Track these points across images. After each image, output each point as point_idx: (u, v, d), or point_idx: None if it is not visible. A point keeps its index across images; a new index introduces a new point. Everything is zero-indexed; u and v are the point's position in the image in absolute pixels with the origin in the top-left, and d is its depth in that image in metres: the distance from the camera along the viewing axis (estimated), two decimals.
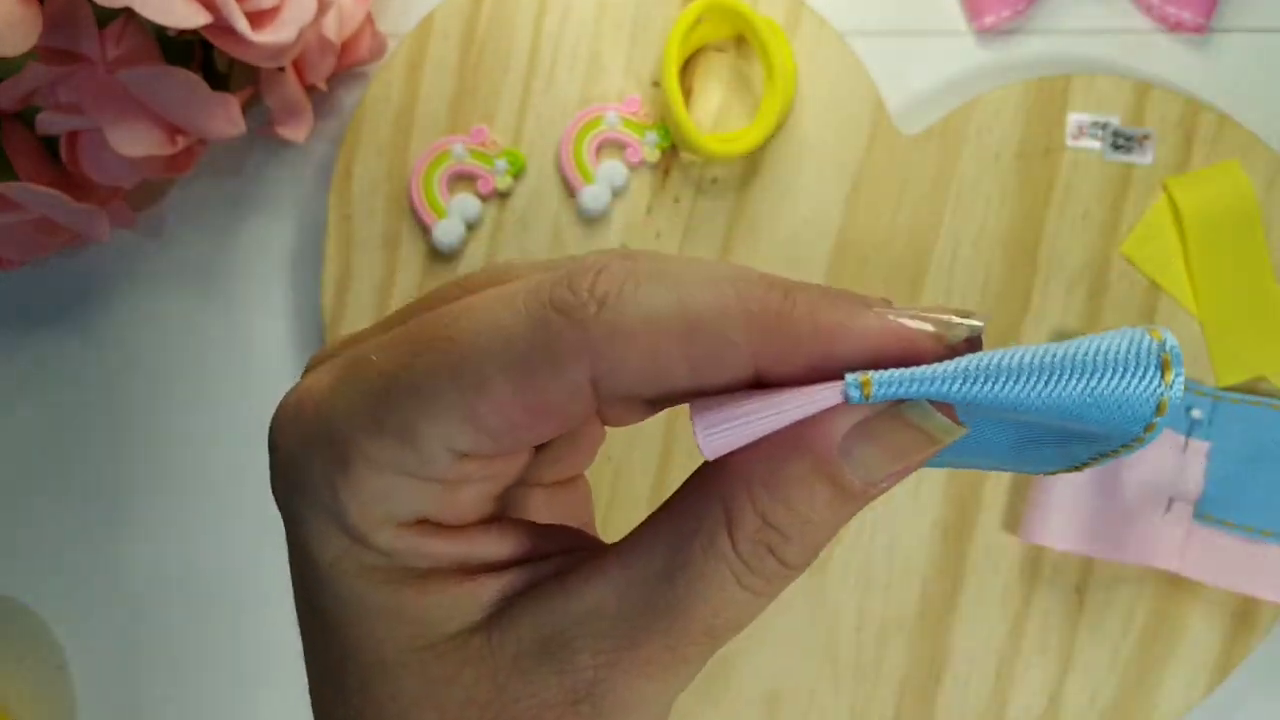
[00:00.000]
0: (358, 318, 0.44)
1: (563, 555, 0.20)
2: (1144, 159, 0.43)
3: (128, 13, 0.38)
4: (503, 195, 0.44)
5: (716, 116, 0.44)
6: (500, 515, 0.20)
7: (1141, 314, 0.43)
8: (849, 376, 0.17)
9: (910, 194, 0.43)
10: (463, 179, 0.44)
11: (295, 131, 0.43)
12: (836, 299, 0.17)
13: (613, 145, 0.44)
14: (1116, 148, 0.43)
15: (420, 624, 0.19)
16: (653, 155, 0.44)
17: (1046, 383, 0.16)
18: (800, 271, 0.43)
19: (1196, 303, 0.42)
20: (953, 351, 0.17)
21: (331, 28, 0.42)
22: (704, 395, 0.18)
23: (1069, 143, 0.43)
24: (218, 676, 0.46)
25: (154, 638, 0.46)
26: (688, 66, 0.44)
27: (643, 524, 0.19)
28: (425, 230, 0.44)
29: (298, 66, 0.43)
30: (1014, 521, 0.42)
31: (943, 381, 0.17)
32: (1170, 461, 0.41)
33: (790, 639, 0.43)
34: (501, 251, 0.44)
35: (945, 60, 0.45)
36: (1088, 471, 0.41)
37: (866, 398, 0.17)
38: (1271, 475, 0.41)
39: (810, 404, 0.17)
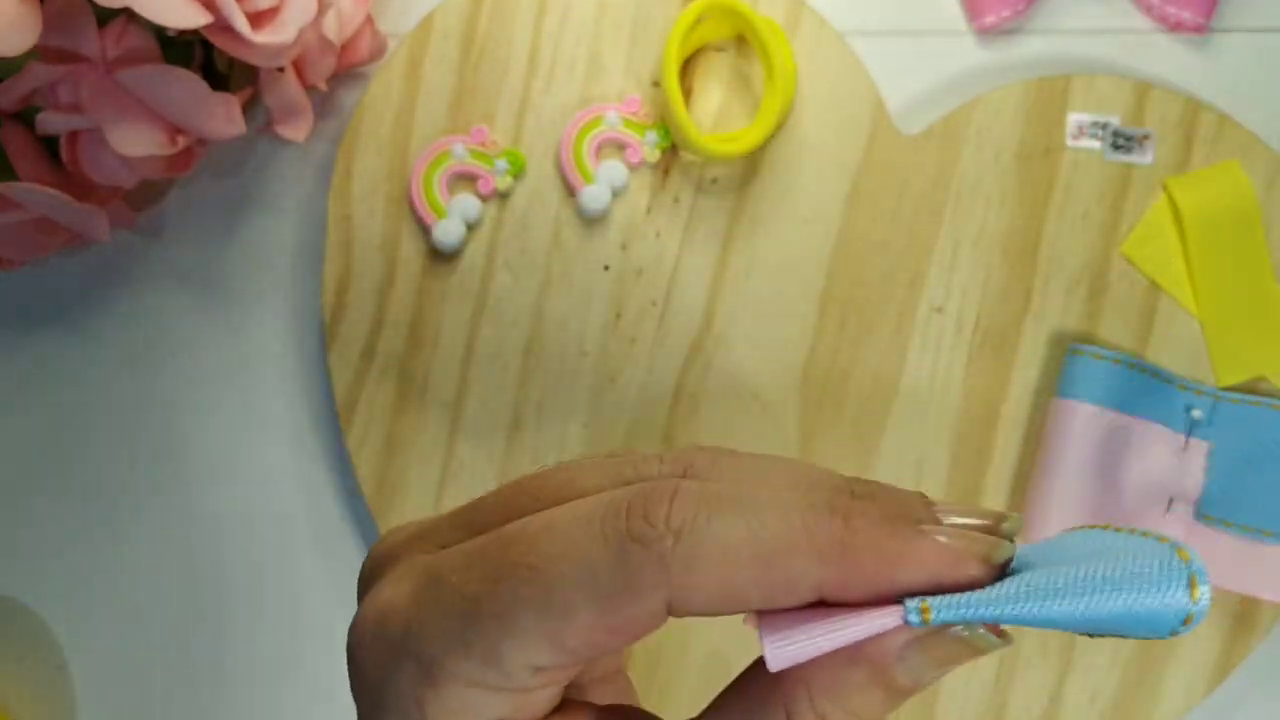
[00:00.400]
0: (358, 318, 0.44)
1: None
2: (1144, 159, 0.43)
3: (128, 13, 0.38)
4: (503, 195, 0.44)
5: (716, 116, 0.44)
6: (567, 701, 0.22)
7: (1141, 314, 0.43)
8: (909, 603, 0.19)
9: (910, 194, 0.43)
10: (463, 179, 0.44)
11: (295, 131, 0.43)
12: (894, 526, 0.19)
13: (613, 145, 0.44)
14: (1116, 148, 0.43)
15: None
16: (653, 155, 0.44)
17: (1085, 602, 0.18)
18: (799, 272, 0.43)
19: (1196, 302, 0.42)
20: (992, 575, 0.19)
21: (331, 28, 0.42)
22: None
23: (1069, 143, 0.43)
24: (217, 676, 0.46)
25: (154, 638, 0.46)
26: (688, 66, 0.44)
27: (709, 709, 0.21)
28: (425, 230, 0.44)
29: (298, 66, 0.43)
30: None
31: (993, 605, 0.18)
32: (1170, 461, 0.41)
33: None
34: (502, 252, 0.44)
35: (945, 60, 0.45)
36: (1088, 470, 0.41)
37: (925, 623, 0.19)
38: (1272, 475, 0.41)
39: (873, 627, 0.19)
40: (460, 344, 0.44)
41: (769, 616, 0.19)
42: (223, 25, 0.37)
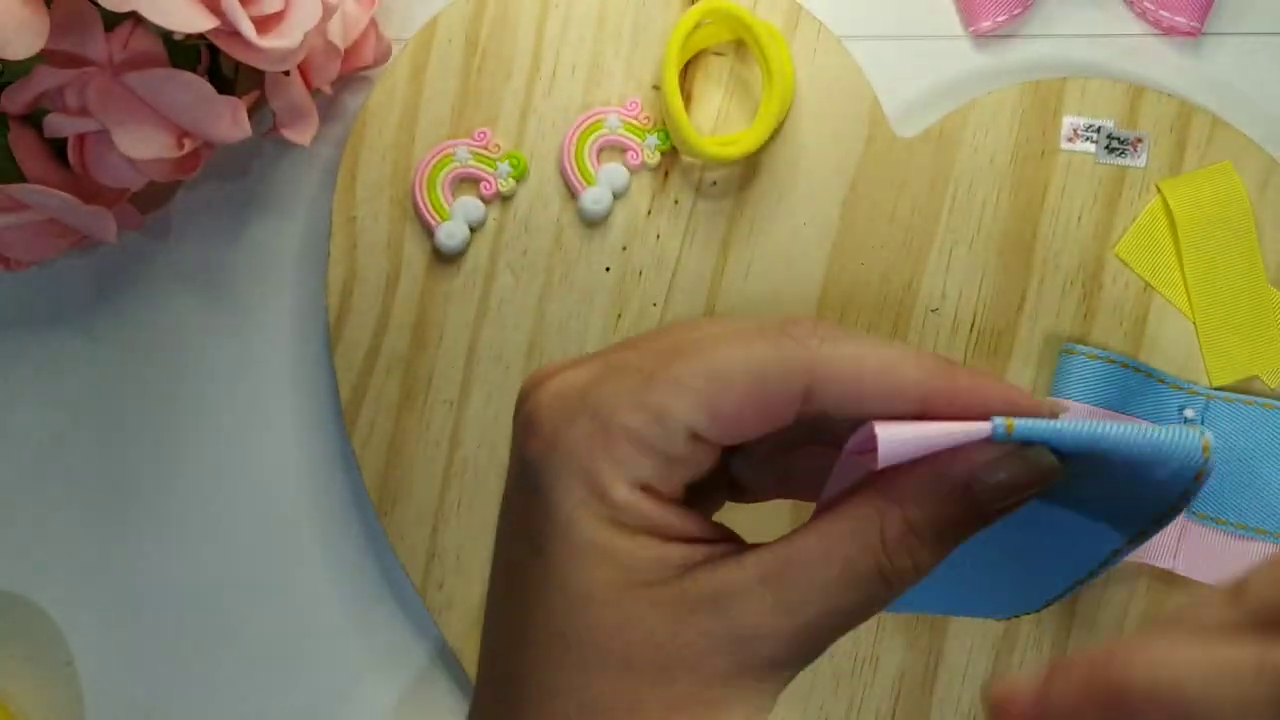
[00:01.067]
0: (362, 319, 0.44)
1: (731, 542, 0.25)
2: (1138, 162, 0.43)
3: (134, 17, 0.38)
4: (505, 198, 0.45)
5: (716, 120, 0.44)
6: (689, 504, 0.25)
7: (1135, 315, 0.43)
8: (996, 419, 0.23)
9: (907, 196, 0.44)
10: (466, 182, 0.44)
11: (300, 135, 0.43)
12: (990, 377, 0.24)
13: (614, 148, 0.44)
14: (1110, 150, 0.43)
15: (628, 570, 0.23)
16: (653, 158, 0.44)
17: (1131, 433, 0.23)
18: (798, 273, 0.44)
19: (1190, 303, 0.43)
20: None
21: (336, 32, 0.43)
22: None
23: (1064, 145, 0.43)
24: (223, 674, 0.46)
25: (161, 636, 0.47)
26: (687, 70, 0.44)
27: (809, 522, 0.24)
28: (429, 232, 0.44)
29: (303, 70, 0.43)
30: None
31: (1062, 428, 0.23)
32: None
33: None
34: (504, 253, 0.45)
35: (942, 64, 0.46)
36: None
37: (1009, 434, 0.22)
38: (1263, 474, 0.42)
39: (967, 430, 0.23)
40: (463, 344, 0.44)
41: (881, 424, 0.22)
42: (229, 30, 0.37)
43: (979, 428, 0.23)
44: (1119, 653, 0.19)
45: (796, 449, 0.27)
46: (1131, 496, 0.24)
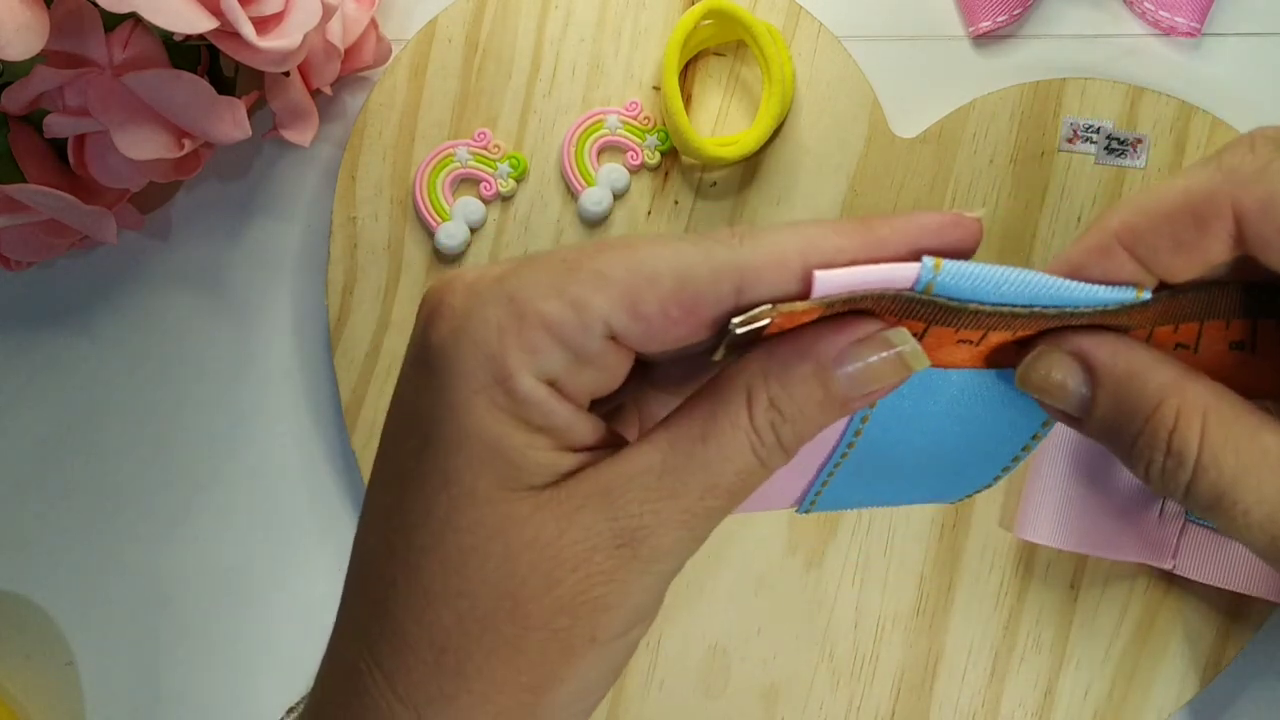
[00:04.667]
0: (362, 319, 0.44)
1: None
2: (1137, 163, 0.43)
3: (134, 18, 0.38)
4: (505, 198, 0.45)
5: (716, 120, 0.44)
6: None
7: None
8: (925, 260, 0.22)
9: (906, 197, 0.44)
10: (466, 182, 0.45)
11: (300, 135, 0.44)
12: (913, 214, 0.24)
13: (614, 149, 0.44)
14: (1110, 151, 0.43)
15: (517, 468, 0.22)
16: (653, 158, 0.44)
17: (1051, 284, 0.22)
18: None
19: None
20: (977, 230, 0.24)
21: (336, 33, 0.43)
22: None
23: (1063, 146, 0.43)
24: (226, 673, 0.46)
25: (162, 635, 0.47)
26: (687, 71, 0.44)
27: (682, 404, 0.23)
28: (429, 233, 0.44)
29: (303, 71, 0.43)
30: (1009, 519, 0.43)
31: (990, 271, 0.22)
32: None
33: (788, 634, 0.43)
34: (504, 254, 0.45)
35: (941, 64, 0.46)
36: (1082, 470, 0.42)
37: (937, 272, 0.22)
38: None
39: (896, 268, 0.22)
40: None
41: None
42: (229, 30, 0.37)
43: (908, 267, 0.22)
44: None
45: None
46: None
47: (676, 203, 0.44)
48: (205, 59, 0.43)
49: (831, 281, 0.22)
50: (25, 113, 0.41)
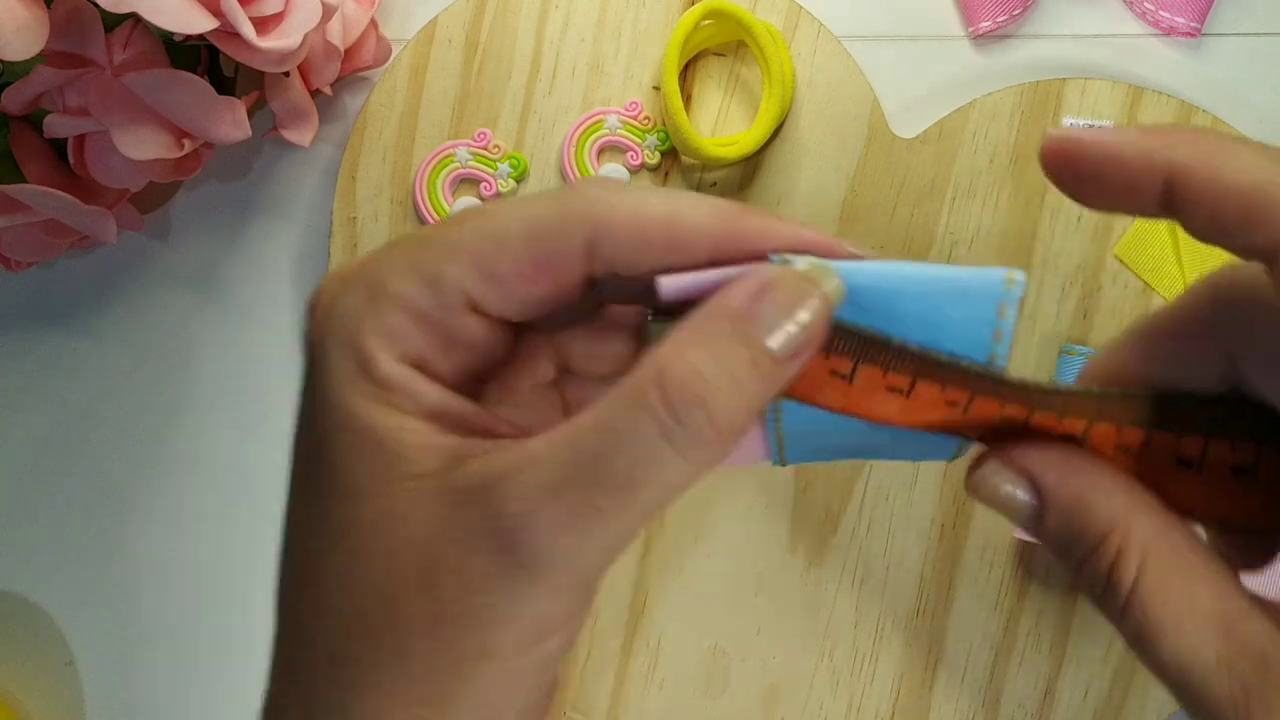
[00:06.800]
0: None
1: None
2: None
3: (134, 18, 0.38)
4: (505, 198, 0.45)
5: (716, 120, 0.44)
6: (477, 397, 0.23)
7: (1134, 316, 0.43)
8: (773, 256, 0.21)
9: (906, 196, 0.44)
10: (466, 182, 0.44)
11: (300, 135, 0.44)
12: (780, 219, 0.22)
13: (614, 149, 0.44)
14: None
15: (395, 457, 0.21)
16: (653, 159, 0.44)
17: (923, 273, 0.21)
18: None
19: None
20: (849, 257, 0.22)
21: (336, 33, 0.43)
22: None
23: None
24: (223, 674, 0.46)
25: (162, 634, 0.47)
26: (687, 71, 0.44)
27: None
28: None
29: (303, 71, 0.43)
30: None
31: (844, 269, 0.21)
32: None
33: (788, 635, 0.43)
34: None
35: (941, 65, 0.46)
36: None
37: (784, 262, 0.21)
38: None
39: (743, 269, 0.21)
40: None
41: (665, 275, 0.22)
42: (229, 31, 0.37)
43: (757, 268, 0.21)
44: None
45: None
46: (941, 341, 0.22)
47: None
48: (205, 59, 0.43)
49: (676, 286, 0.21)
50: (25, 113, 0.41)
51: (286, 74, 0.43)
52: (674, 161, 0.44)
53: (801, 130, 0.44)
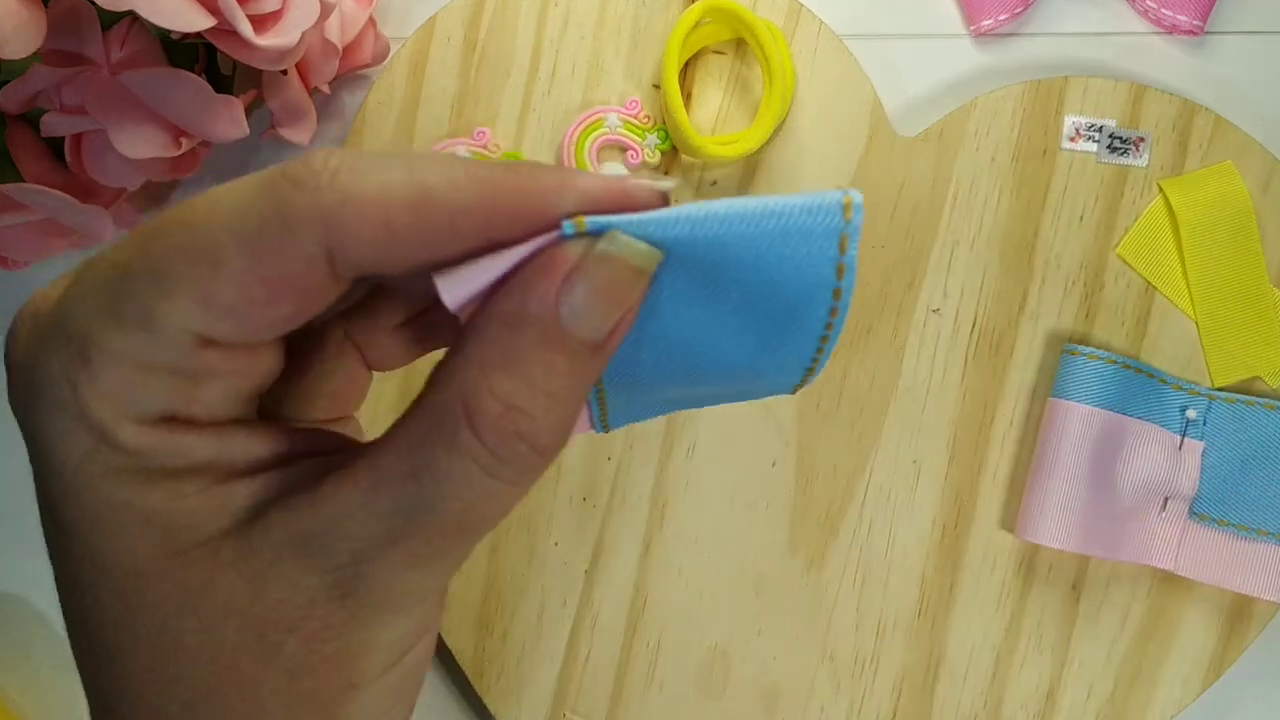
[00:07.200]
0: None
1: (318, 457, 0.20)
2: (1139, 161, 0.43)
3: (132, 16, 0.38)
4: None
5: (716, 119, 0.44)
6: (253, 418, 0.20)
7: (1137, 315, 0.43)
8: (565, 222, 0.18)
9: (908, 196, 0.44)
10: None
11: (298, 134, 0.43)
12: (555, 167, 0.18)
13: (613, 147, 0.44)
14: (1112, 150, 0.43)
15: (171, 529, 0.18)
16: (653, 157, 0.44)
17: (744, 222, 0.18)
18: None
19: (1192, 304, 0.43)
20: (654, 201, 0.19)
21: (334, 31, 0.42)
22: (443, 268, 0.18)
23: (1065, 145, 0.43)
24: None
25: None
26: (688, 69, 0.44)
27: (392, 425, 0.19)
28: None
29: (301, 69, 0.43)
30: (1011, 520, 0.43)
31: (648, 224, 0.18)
32: (1165, 461, 0.42)
33: (788, 636, 0.43)
34: None
35: (943, 63, 0.45)
36: (1084, 470, 0.41)
37: (580, 231, 0.18)
38: (1265, 475, 0.41)
39: (534, 245, 0.18)
40: None
41: (448, 269, 0.18)
42: (226, 28, 0.37)
43: (547, 238, 0.18)
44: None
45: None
46: (781, 289, 0.19)
47: (676, 202, 0.44)
48: (203, 57, 0.43)
49: (463, 293, 0.18)
50: (22, 111, 0.41)
51: (284, 72, 0.42)
52: (674, 160, 0.44)
53: (802, 129, 0.44)
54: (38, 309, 0.18)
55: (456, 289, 0.18)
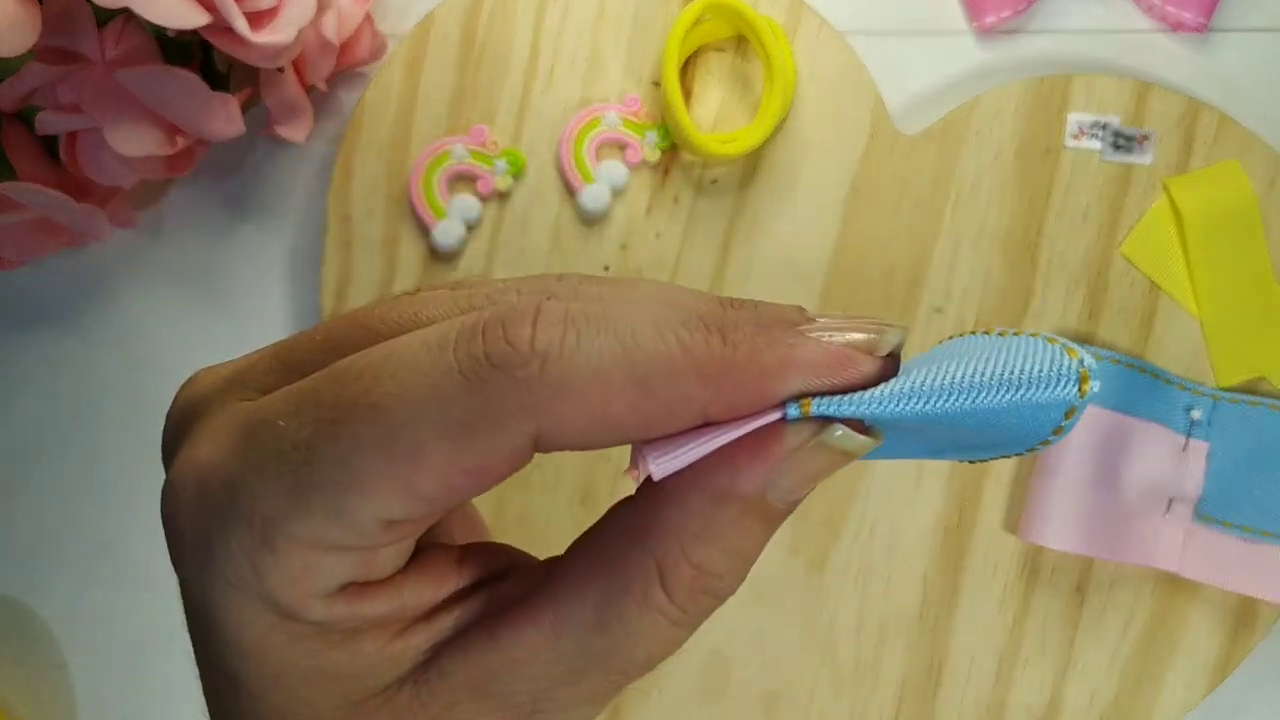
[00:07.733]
0: None
1: (491, 585, 0.20)
2: (1144, 159, 0.43)
3: (127, 13, 0.38)
4: (503, 195, 0.44)
5: (716, 116, 0.44)
6: (419, 550, 0.20)
7: (1141, 314, 0.43)
8: (790, 405, 0.18)
9: (910, 194, 0.43)
10: (463, 179, 0.44)
11: (295, 132, 0.43)
12: (773, 332, 0.17)
13: (613, 145, 0.44)
14: (1116, 148, 0.43)
15: (353, 680, 0.18)
16: (653, 155, 0.44)
17: (972, 397, 0.17)
18: (799, 272, 0.43)
19: (1196, 303, 0.42)
20: (880, 369, 0.18)
21: (331, 28, 0.42)
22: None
23: (1069, 143, 0.43)
24: None
25: (154, 637, 0.46)
26: (688, 66, 0.44)
27: (569, 564, 0.19)
28: (425, 230, 0.44)
29: (297, 67, 0.43)
30: (1014, 521, 0.42)
31: (875, 402, 0.18)
32: (1170, 462, 0.41)
33: (789, 639, 0.43)
34: (502, 252, 0.44)
35: (945, 60, 0.45)
36: (1087, 471, 0.41)
37: (805, 417, 0.18)
38: (1271, 476, 0.41)
39: (751, 428, 0.18)
40: None
41: (651, 441, 0.18)
42: (222, 25, 0.37)
43: (768, 418, 0.18)
44: None
45: None
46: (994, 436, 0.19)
47: (676, 200, 0.44)
48: (198, 55, 0.42)
49: (670, 468, 0.18)
50: (17, 109, 0.40)
51: (281, 69, 0.42)
52: (674, 158, 0.44)
53: (803, 126, 0.43)
54: (204, 479, 0.18)
55: (667, 465, 0.18)
